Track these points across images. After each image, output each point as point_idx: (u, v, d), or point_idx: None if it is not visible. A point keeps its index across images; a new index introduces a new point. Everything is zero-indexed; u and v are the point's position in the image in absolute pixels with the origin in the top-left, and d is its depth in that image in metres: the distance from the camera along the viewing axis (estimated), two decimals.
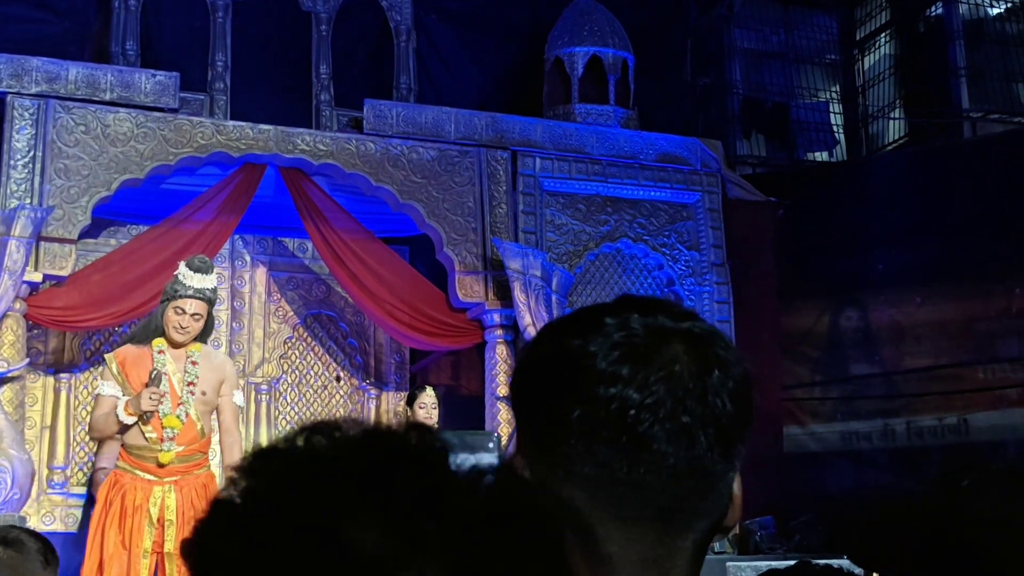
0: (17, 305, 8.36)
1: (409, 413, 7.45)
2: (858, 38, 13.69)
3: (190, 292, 6.94)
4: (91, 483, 8.57)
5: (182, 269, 7.02)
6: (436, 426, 7.38)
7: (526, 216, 10.01)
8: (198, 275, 6.99)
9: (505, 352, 9.57)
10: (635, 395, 1.07)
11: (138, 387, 6.72)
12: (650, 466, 1.08)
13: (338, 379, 10.45)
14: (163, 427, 6.70)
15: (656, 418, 1.07)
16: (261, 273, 10.36)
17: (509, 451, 8.48)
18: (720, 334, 1.16)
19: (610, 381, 1.08)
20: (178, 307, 6.92)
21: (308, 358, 10.43)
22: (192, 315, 6.91)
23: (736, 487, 1.17)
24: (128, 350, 7.03)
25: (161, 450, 6.70)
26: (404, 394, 10.42)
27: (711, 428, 1.09)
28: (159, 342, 6.91)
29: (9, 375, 8.34)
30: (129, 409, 6.64)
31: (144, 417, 6.61)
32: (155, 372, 6.73)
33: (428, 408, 7.29)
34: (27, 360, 8.61)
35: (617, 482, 1.07)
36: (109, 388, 6.83)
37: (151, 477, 6.66)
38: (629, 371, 1.08)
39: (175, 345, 6.93)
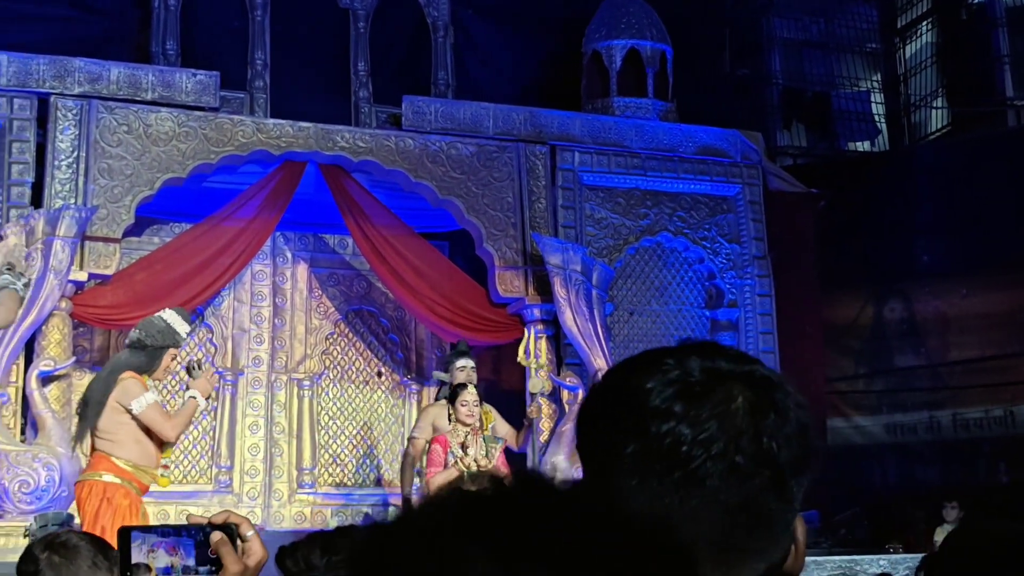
0: (63, 304, 8.45)
1: (451, 410, 7.44)
2: (899, 26, 13.55)
3: (182, 341, 7.23)
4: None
5: (176, 319, 7.05)
6: (477, 423, 7.39)
7: (565, 211, 10.00)
8: (187, 325, 7.23)
9: (545, 347, 9.56)
10: (688, 431, 1.08)
11: None
12: (702, 501, 1.08)
13: (379, 374, 10.49)
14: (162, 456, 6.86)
15: (708, 455, 1.08)
16: (302, 269, 10.41)
17: (543, 462, 8.43)
18: (781, 381, 1.16)
19: (664, 417, 1.09)
20: (175, 355, 7.14)
21: (350, 354, 10.48)
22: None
23: (799, 533, 1.16)
24: None
25: (162, 475, 6.83)
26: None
27: (765, 469, 1.09)
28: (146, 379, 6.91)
29: (56, 373, 8.43)
30: (202, 396, 6.83)
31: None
32: (197, 360, 6.94)
33: (470, 406, 7.28)
34: (73, 358, 8.70)
35: (670, 517, 1.08)
36: (154, 394, 6.88)
37: (137, 494, 6.72)
38: (682, 408, 1.09)
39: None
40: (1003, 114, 12.20)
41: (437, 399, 8.40)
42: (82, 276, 8.57)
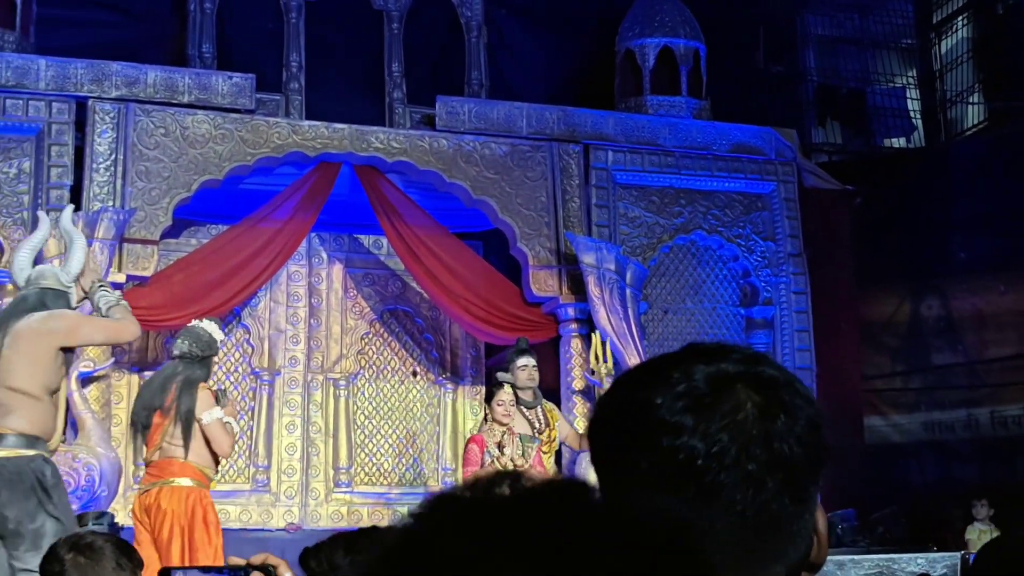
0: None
1: (487, 410, 7.45)
2: (935, 21, 13.44)
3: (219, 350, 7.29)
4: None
5: (215, 328, 7.04)
6: (513, 423, 7.39)
7: (599, 210, 10.00)
8: (222, 334, 7.25)
9: (580, 346, 9.57)
10: (700, 445, 1.09)
11: None
12: (719, 514, 1.09)
13: (415, 374, 10.53)
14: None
15: (722, 466, 1.08)
16: (338, 270, 10.47)
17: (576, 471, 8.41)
18: (789, 378, 1.16)
19: (675, 432, 1.09)
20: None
21: (385, 353, 10.52)
22: None
23: (820, 524, 1.17)
24: None
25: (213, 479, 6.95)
26: (481, 388, 10.47)
27: (778, 473, 1.10)
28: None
29: (95, 374, 8.52)
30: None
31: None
32: (223, 389, 7.05)
33: (506, 405, 7.29)
34: (112, 359, 8.79)
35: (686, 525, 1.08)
36: (219, 409, 6.94)
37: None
38: (693, 421, 1.09)
39: None
40: None
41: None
42: (120, 278, 8.65)
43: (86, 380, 8.48)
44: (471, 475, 7.13)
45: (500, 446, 7.17)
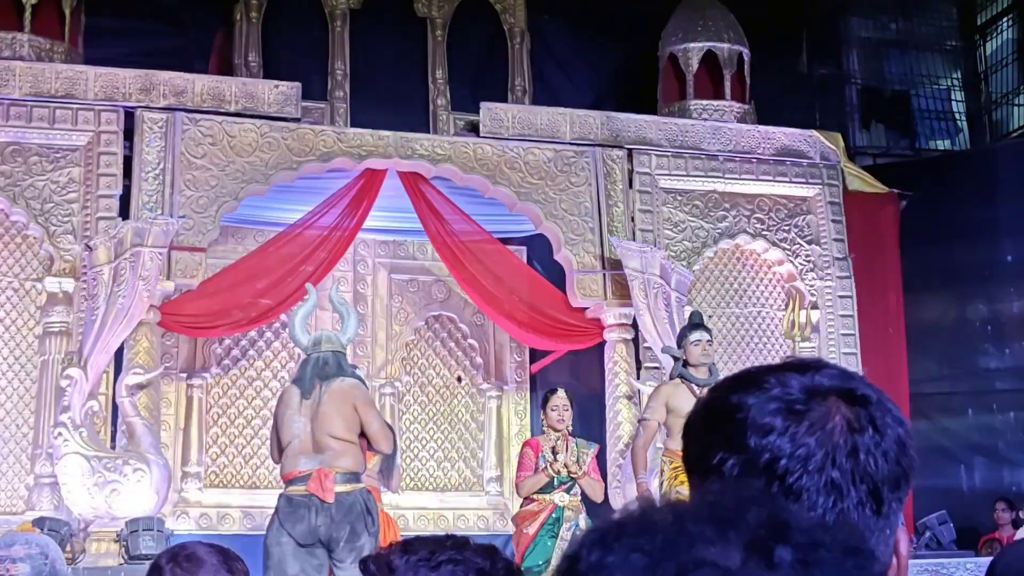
0: (150, 314, 8.62)
1: (543, 416, 7.41)
2: (979, 23, 13.32)
3: None
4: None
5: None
6: (569, 428, 7.32)
7: (643, 214, 9.98)
8: None
9: (624, 351, 9.56)
10: (786, 446, 1.10)
11: None
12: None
13: (459, 379, 10.55)
14: None
15: (806, 470, 1.10)
16: (383, 276, 10.51)
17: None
18: (881, 398, 1.17)
19: (763, 432, 1.11)
20: None
21: (430, 358, 10.55)
22: None
23: (902, 547, 1.18)
24: None
25: None
26: (525, 394, 10.49)
27: (863, 484, 1.11)
28: None
29: (144, 381, 8.59)
30: None
31: None
32: None
33: (560, 410, 7.25)
34: (162, 367, 8.87)
35: None
36: None
37: None
38: (782, 423, 1.11)
39: None
40: None
41: (671, 377, 7.55)
42: (169, 286, 8.73)
43: (135, 388, 8.53)
44: (524, 479, 7.11)
45: (554, 451, 7.16)
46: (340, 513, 6.09)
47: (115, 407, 8.54)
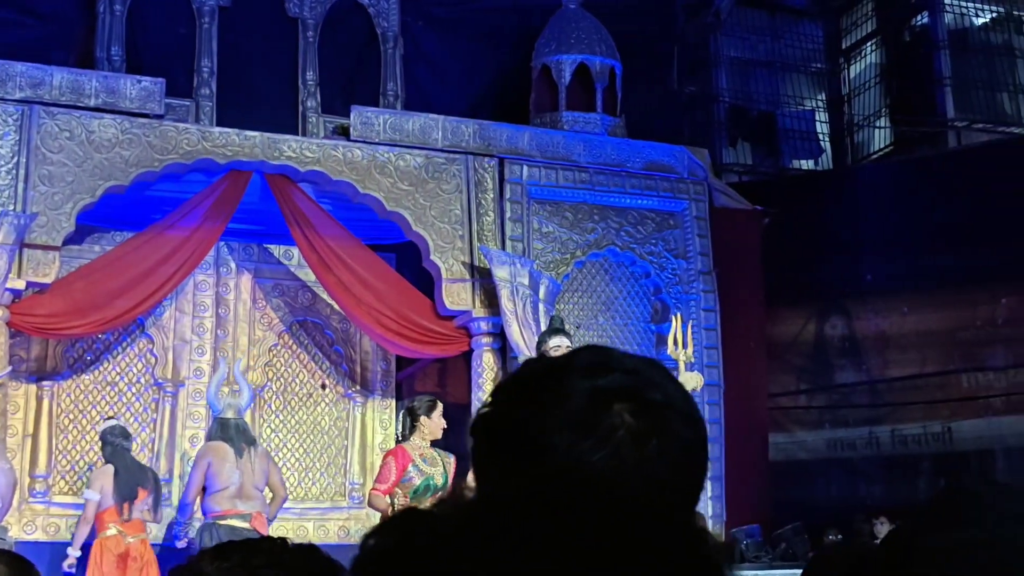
0: (0, 312, 8.29)
1: (420, 423, 7.12)
2: (844, 47, 13.73)
3: None
4: None
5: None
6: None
7: (513, 224, 9.98)
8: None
9: (492, 360, 9.54)
10: (572, 464, 1.08)
11: None
12: (592, 530, 1.07)
13: (324, 387, 10.40)
14: None
15: (593, 486, 1.07)
16: (246, 280, 10.30)
17: None
18: (671, 398, 1.14)
19: (550, 453, 1.08)
20: None
21: (293, 366, 10.37)
22: None
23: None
24: None
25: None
26: (391, 402, 10.40)
27: (652, 496, 1.09)
28: None
29: None
30: None
31: None
32: None
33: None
34: (9, 368, 8.53)
35: None
36: None
37: None
38: (569, 440, 1.08)
39: None
40: (944, 135, 12.39)
41: None
42: (20, 284, 8.40)
43: None
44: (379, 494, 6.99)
45: (424, 460, 7.06)
46: None
47: None
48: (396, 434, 7.40)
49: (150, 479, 8.39)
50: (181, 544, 8.61)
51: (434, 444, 7.24)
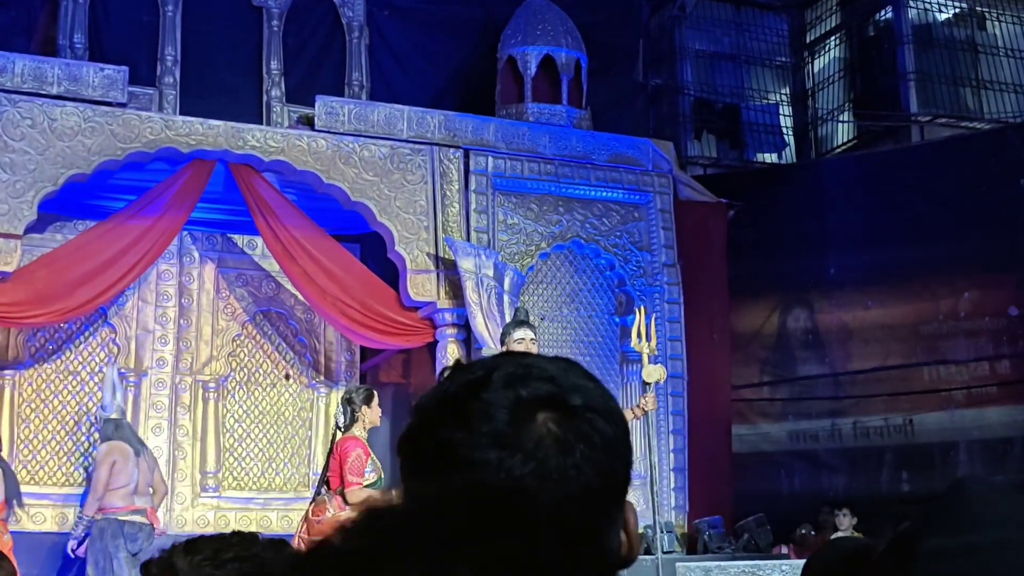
0: None
1: (361, 412, 7.14)
2: (808, 40, 13.81)
3: None
4: None
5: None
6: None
7: (478, 215, 9.99)
8: None
9: (456, 351, 9.54)
10: (503, 480, 1.09)
11: None
12: (523, 543, 1.08)
13: (287, 377, 10.37)
14: None
15: (527, 499, 1.08)
16: (210, 270, 10.25)
17: None
18: (592, 400, 1.15)
19: (477, 467, 1.09)
20: None
21: (257, 356, 10.34)
22: None
23: (631, 521, 1.18)
24: None
25: None
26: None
27: (580, 503, 1.10)
28: None
29: None
30: None
31: None
32: None
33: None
34: None
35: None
36: None
37: None
38: (495, 456, 1.09)
39: None
40: (907, 129, 12.49)
41: None
42: None
43: None
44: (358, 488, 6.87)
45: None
46: (153, 535, 8.50)
47: None
48: (336, 425, 7.23)
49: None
50: (76, 548, 8.54)
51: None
